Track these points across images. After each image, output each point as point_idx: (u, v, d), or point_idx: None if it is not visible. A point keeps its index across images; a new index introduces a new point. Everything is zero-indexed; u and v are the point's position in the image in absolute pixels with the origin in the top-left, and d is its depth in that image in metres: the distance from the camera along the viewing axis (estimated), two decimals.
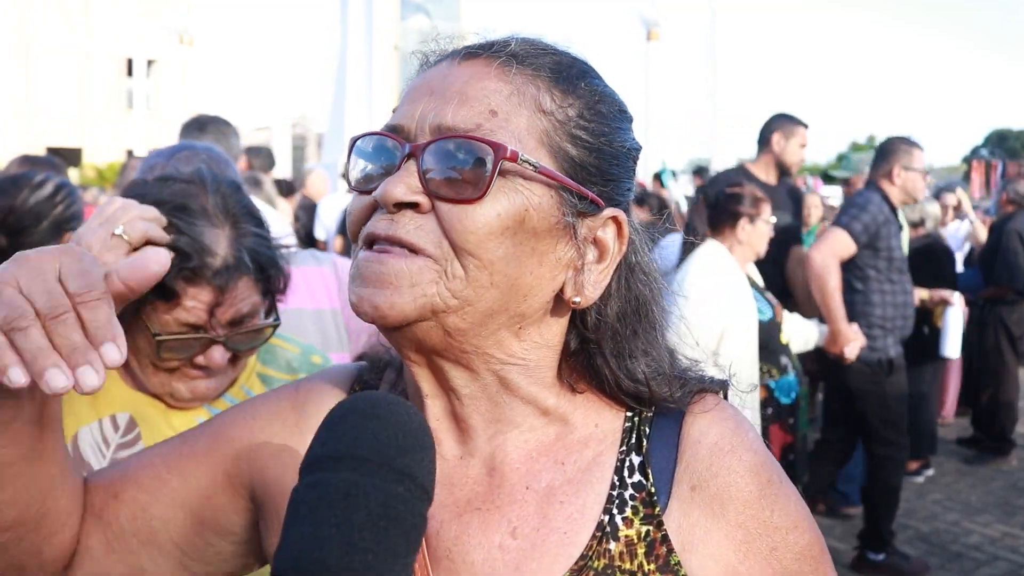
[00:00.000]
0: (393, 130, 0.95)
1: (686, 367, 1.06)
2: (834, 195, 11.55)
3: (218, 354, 1.62)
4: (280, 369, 1.82)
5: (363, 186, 0.95)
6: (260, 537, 1.11)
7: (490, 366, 0.96)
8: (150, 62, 33.88)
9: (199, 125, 4.13)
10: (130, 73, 33.84)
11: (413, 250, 0.89)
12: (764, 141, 5.50)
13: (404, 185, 0.89)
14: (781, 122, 5.51)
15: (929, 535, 5.87)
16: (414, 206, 0.90)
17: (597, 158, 0.96)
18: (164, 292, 1.55)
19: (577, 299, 0.96)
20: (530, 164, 0.90)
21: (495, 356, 0.95)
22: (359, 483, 0.73)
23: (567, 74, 0.96)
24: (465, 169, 0.89)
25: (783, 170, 5.50)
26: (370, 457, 0.74)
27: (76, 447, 1.62)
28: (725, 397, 1.07)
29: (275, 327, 1.71)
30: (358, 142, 0.98)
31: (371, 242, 0.92)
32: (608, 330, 1.00)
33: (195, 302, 1.56)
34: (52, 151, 20.51)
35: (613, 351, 1.01)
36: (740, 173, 5.46)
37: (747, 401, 1.31)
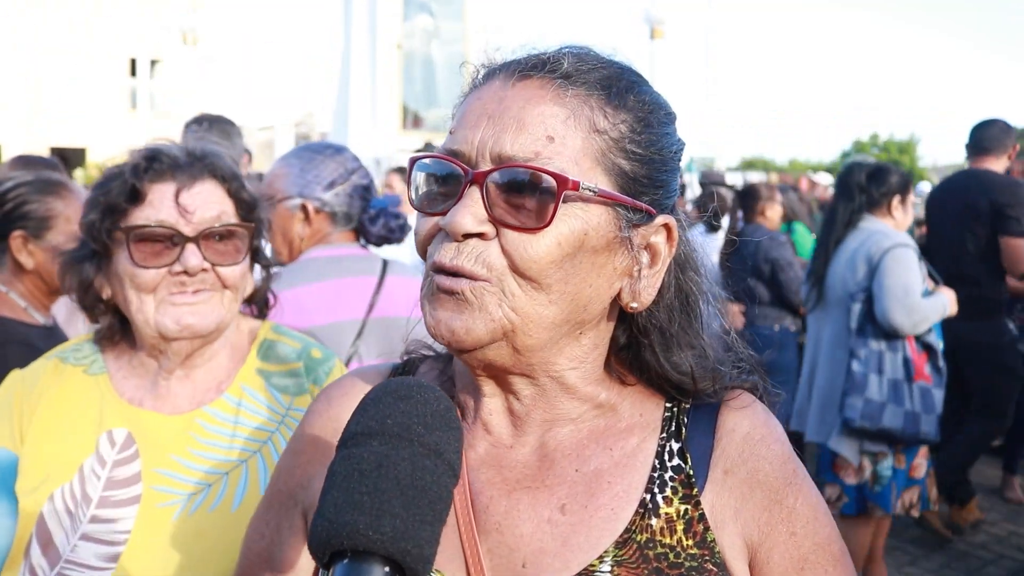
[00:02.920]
0: (453, 154, 0.98)
1: (722, 361, 1.13)
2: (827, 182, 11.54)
3: (193, 256, 1.64)
4: (277, 362, 1.83)
5: (427, 208, 1.01)
6: None
7: (550, 373, 1.03)
8: (153, 62, 33.90)
9: (203, 124, 4.13)
10: (133, 73, 33.87)
11: (475, 279, 0.95)
12: (1002, 147, 5.49)
13: (471, 216, 0.95)
14: (1010, 130, 5.54)
15: (935, 533, 5.85)
16: (479, 234, 0.96)
17: (648, 168, 1.01)
18: (132, 194, 1.66)
19: (634, 304, 1.04)
20: (590, 190, 0.95)
21: (557, 363, 1.02)
22: (389, 455, 0.79)
23: (617, 89, 1.00)
24: (529, 199, 0.94)
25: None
26: (400, 433, 0.81)
27: (81, 478, 1.63)
28: (756, 394, 1.14)
29: (249, 229, 1.74)
30: (418, 163, 1.02)
31: (437, 270, 0.97)
32: (656, 327, 1.08)
33: (162, 197, 1.66)
34: (56, 151, 20.55)
35: (661, 345, 1.08)
36: (996, 176, 5.50)
37: None
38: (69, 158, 19.23)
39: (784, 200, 8.29)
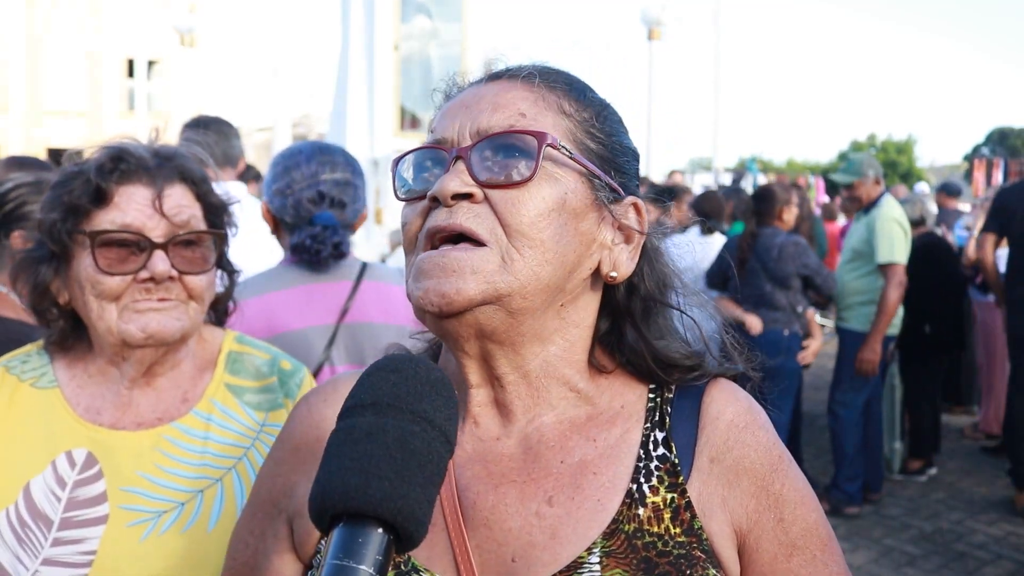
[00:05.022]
0: (436, 143, 1.05)
1: (705, 348, 1.16)
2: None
3: (161, 263, 1.55)
4: (249, 377, 1.76)
5: (413, 195, 1.05)
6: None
7: (534, 348, 1.05)
8: (151, 63, 33.89)
9: (200, 126, 4.13)
10: (131, 74, 33.87)
11: (472, 239, 0.99)
12: None
13: (458, 179, 0.99)
14: None
15: (933, 534, 5.86)
16: (468, 196, 1.00)
17: (611, 152, 1.09)
18: (97, 195, 1.56)
19: (614, 274, 1.07)
20: (566, 150, 1.02)
21: (540, 336, 1.05)
22: (379, 423, 0.82)
23: (578, 87, 1.11)
24: (511, 159, 1.00)
25: None
26: (391, 403, 0.83)
27: (29, 498, 1.54)
28: (738, 382, 1.16)
29: (219, 236, 1.67)
30: (403, 160, 1.08)
31: (432, 236, 1.00)
32: (640, 305, 1.12)
33: (129, 200, 1.57)
34: (53, 152, 20.50)
35: (644, 326, 1.12)
36: None
37: None
38: None
39: (739, 198, 8.30)
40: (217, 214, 1.70)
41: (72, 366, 1.68)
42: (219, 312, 1.84)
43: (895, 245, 5.90)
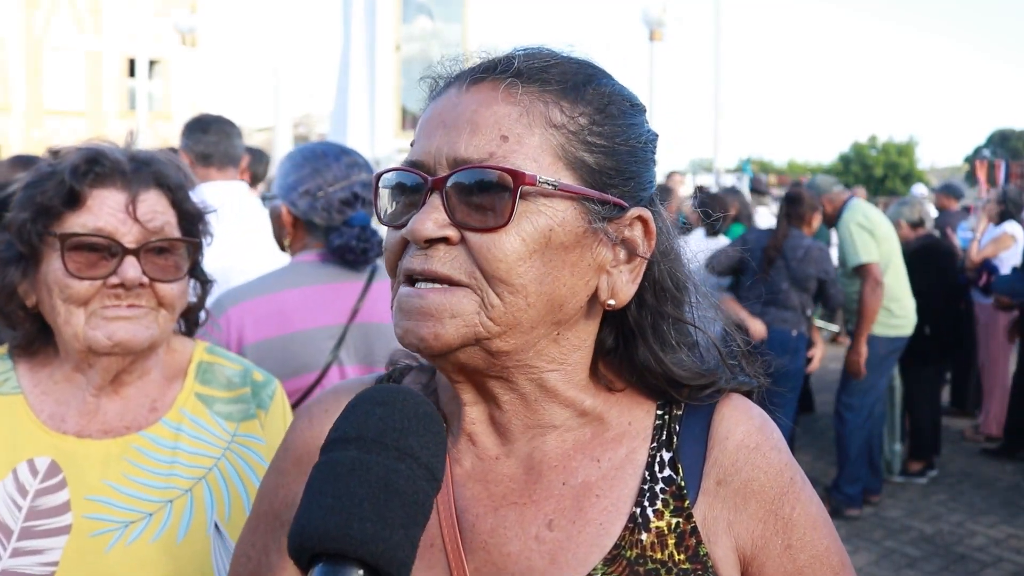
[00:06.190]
0: (413, 165, 0.97)
1: (719, 362, 1.09)
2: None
3: (131, 268, 1.51)
4: (220, 387, 1.72)
5: (394, 221, 0.99)
6: None
7: (530, 376, 0.99)
8: (152, 62, 33.91)
9: (202, 125, 4.12)
10: (132, 73, 33.89)
11: (450, 282, 0.93)
12: None
13: (432, 221, 0.92)
14: None
15: (933, 536, 5.86)
16: (444, 239, 0.93)
17: (615, 160, 0.98)
18: (70, 197, 1.52)
19: (612, 301, 0.99)
20: (549, 184, 0.92)
21: (535, 365, 0.99)
22: (362, 460, 0.79)
23: (573, 82, 0.98)
24: (487, 198, 0.92)
25: None
26: (376, 438, 0.80)
27: None
28: (751, 398, 1.10)
29: (192, 245, 1.64)
30: (382, 178, 1.01)
31: (409, 277, 0.95)
32: (650, 322, 1.04)
33: (102, 204, 1.53)
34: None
35: (657, 342, 1.04)
36: None
37: None
38: None
39: (738, 199, 8.33)
40: (192, 222, 1.66)
41: (36, 372, 1.64)
42: (189, 323, 1.80)
43: (858, 246, 5.99)
